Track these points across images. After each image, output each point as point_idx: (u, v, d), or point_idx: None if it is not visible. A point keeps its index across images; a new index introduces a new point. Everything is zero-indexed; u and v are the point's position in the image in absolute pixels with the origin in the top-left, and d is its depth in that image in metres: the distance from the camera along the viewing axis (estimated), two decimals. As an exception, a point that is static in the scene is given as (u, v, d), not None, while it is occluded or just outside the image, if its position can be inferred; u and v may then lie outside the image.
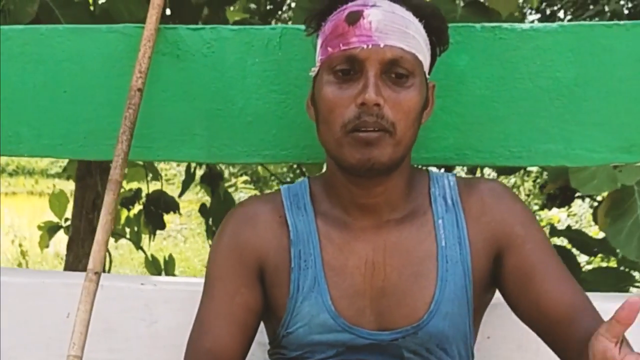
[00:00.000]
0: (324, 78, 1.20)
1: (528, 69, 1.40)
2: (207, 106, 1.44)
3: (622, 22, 1.41)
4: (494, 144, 1.42)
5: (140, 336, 1.45)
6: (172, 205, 3.88)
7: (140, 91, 1.34)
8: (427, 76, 1.22)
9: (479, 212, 1.25)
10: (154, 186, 3.93)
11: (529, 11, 6.04)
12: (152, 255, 3.96)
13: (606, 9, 5.61)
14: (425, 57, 1.19)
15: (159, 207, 3.83)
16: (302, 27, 1.41)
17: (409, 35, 1.17)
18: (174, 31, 1.44)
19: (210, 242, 3.59)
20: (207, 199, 4.37)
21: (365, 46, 1.15)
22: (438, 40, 1.23)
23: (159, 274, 3.88)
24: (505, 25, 1.40)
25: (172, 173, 11.25)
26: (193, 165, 3.83)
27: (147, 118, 1.43)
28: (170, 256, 4.03)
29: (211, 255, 1.27)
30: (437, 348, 1.21)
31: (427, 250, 1.23)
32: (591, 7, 5.59)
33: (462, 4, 2.31)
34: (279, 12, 4.95)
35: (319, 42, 1.23)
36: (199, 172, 4.06)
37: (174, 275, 3.91)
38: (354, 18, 1.17)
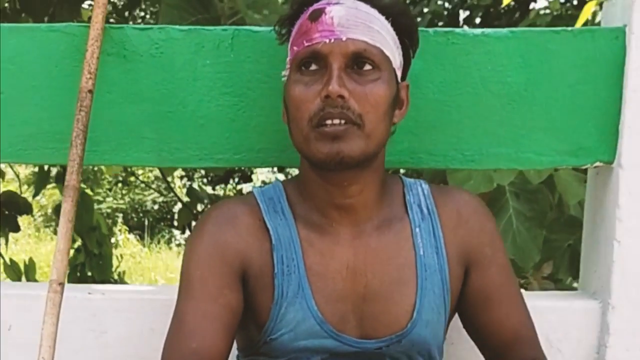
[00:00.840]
0: (291, 78, 1.21)
1: (480, 73, 1.44)
2: (157, 108, 1.42)
3: (569, 29, 1.47)
4: (448, 148, 1.46)
5: (89, 347, 1.41)
6: (25, 208, 3.76)
7: (91, 93, 1.31)
8: (399, 75, 1.23)
9: (454, 223, 1.29)
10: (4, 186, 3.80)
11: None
12: (10, 260, 3.83)
13: (425, 10, 5.81)
14: (393, 55, 1.21)
15: (12, 209, 3.72)
16: (255, 28, 1.44)
17: (373, 30, 1.19)
18: (120, 31, 1.41)
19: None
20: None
21: (327, 40, 1.17)
22: (409, 39, 1.25)
23: (19, 279, 3.75)
24: (457, 30, 1.44)
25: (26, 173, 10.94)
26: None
27: (92, 120, 1.39)
28: (31, 260, 3.89)
29: (189, 255, 1.24)
30: (417, 355, 1.24)
31: (406, 258, 1.25)
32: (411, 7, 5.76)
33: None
34: (137, 9, 4.89)
35: (289, 47, 1.25)
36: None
37: (35, 280, 3.79)
38: (316, 15, 1.19)
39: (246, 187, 9.03)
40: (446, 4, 6.15)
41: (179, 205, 8.63)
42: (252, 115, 1.42)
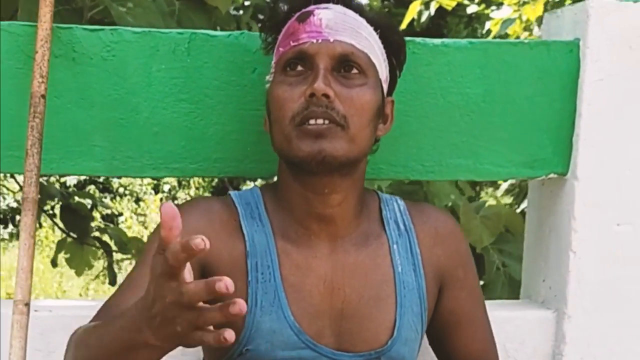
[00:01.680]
0: (276, 79, 1.20)
1: (440, 84, 1.46)
2: (108, 115, 1.36)
3: (526, 41, 1.52)
4: (408, 159, 1.47)
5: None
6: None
7: (44, 97, 1.25)
8: (385, 89, 1.24)
9: (431, 241, 1.29)
10: None
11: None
12: None
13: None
14: (380, 65, 1.21)
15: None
16: (212, 33, 1.41)
17: (361, 35, 1.19)
18: (68, 31, 1.35)
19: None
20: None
21: (314, 40, 1.17)
22: (396, 54, 1.26)
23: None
24: (418, 39, 1.45)
25: None
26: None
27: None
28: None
29: (154, 230, 1.20)
30: None
31: (385, 275, 1.24)
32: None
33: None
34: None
35: (275, 52, 1.24)
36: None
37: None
38: (304, 16, 1.20)
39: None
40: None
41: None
42: (209, 123, 1.39)
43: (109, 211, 7.98)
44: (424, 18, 5.08)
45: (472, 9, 5.23)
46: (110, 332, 0.99)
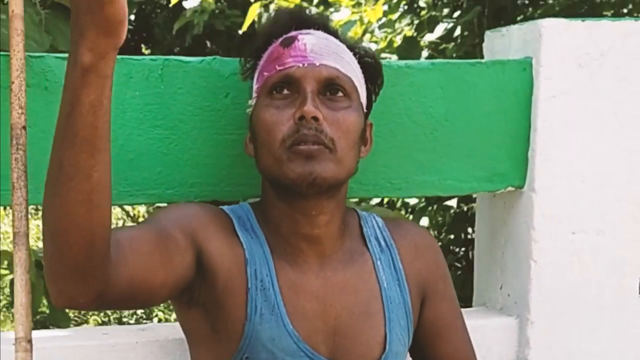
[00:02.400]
0: (260, 103, 1.25)
1: (404, 104, 1.54)
2: (83, 143, 1.38)
3: (483, 60, 1.61)
4: (377, 177, 1.54)
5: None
6: None
7: (25, 129, 1.26)
8: (365, 112, 1.30)
9: (412, 256, 1.36)
10: None
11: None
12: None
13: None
14: (361, 88, 1.28)
15: None
16: (185, 59, 1.44)
17: (344, 60, 1.26)
18: (40, 60, 1.36)
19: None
20: None
21: (300, 65, 1.22)
22: (372, 79, 1.32)
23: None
24: (383, 62, 1.53)
25: None
26: None
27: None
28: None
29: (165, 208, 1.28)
30: None
31: (372, 291, 1.30)
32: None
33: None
34: None
35: (256, 77, 1.29)
36: None
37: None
38: (289, 41, 1.25)
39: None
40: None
41: None
42: (184, 148, 1.42)
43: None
44: (264, 20, 5.13)
45: (312, 11, 5.29)
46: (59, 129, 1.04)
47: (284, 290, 1.26)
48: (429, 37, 3.89)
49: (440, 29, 3.86)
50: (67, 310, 3.41)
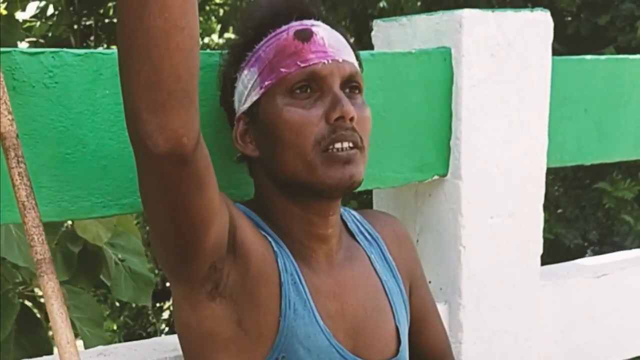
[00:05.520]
0: (277, 102, 1.29)
1: (350, 96, 1.68)
2: (54, 150, 1.33)
3: (413, 51, 1.79)
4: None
5: None
6: None
7: (18, 137, 1.20)
8: None
9: (396, 247, 1.50)
10: None
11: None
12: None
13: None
14: None
15: None
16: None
17: (352, 54, 1.35)
18: (6, 56, 1.29)
19: None
20: None
21: (325, 61, 1.28)
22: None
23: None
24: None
25: None
26: None
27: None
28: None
29: None
30: None
31: (376, 285, 1.42)
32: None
33: None
34: None
35: (252, 69, 1.32)
36: None
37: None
38: (306, 35, 1.30)
39: None
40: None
41: None
42: (155, 151, 1.44)
43: None
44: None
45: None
46: None
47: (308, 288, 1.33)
48: (23, 16, 3.92)
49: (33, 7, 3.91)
50: None
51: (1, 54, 1.29)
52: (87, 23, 6.21)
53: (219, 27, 8.16)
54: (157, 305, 8.05)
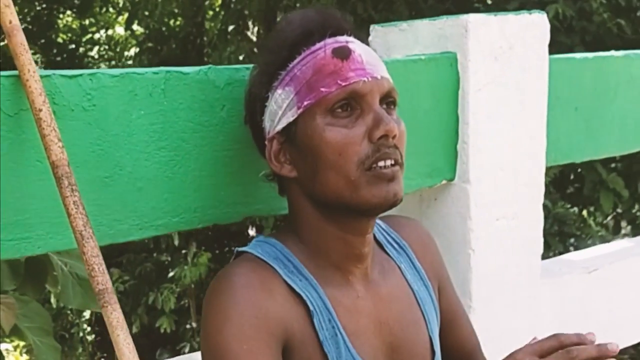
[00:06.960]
0: (318, 122, 1.30)
1: (367, 105, 1.71)
2: (92, 175, 1.34)
3: (423, 57, 1.83)
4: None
5: None
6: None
7: (69, 165, 1.21)
8: None
9: (423, 252, 1.53)
10: None
11: None
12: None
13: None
14: None
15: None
16: (185, 69, 1.47)
17: (385, 68, 1.38)
18: (46, 80, 1.28)
19: None
20: None
21: (365, 79, 1.31)
22: None
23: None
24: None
25: None
26: None
27: (15, 200, 1.27)
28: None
29: (224, 327, 1.24)
30: None
31: (409, 297, 1.46)
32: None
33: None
34: None
35: (288, 89, 1.33)
36: None
37: None
38: (345, 53, 1.32)
39: None
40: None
41: None
42: (187, 170, 1.45)
43: None
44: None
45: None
46: None
47: (346, 328, 1.36)
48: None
49: None
50: None
51: (42, 78, 1.28)
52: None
53: (121, 18, 7.92)
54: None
